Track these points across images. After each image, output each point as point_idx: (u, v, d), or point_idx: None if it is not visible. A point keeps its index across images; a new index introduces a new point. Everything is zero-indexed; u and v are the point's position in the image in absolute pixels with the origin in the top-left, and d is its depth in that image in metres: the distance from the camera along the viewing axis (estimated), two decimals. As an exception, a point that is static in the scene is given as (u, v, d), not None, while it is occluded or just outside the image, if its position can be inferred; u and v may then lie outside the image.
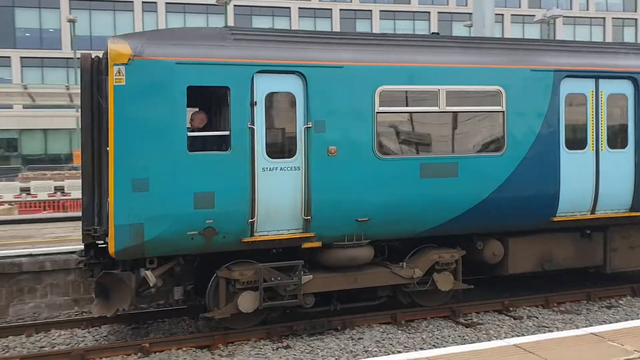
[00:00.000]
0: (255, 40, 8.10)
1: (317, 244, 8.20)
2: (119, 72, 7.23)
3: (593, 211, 9.36)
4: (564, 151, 9.09)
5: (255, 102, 7.77)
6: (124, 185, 7.25)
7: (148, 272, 7.59)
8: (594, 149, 9.28)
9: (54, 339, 8.52)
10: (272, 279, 7.94)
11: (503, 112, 8.80)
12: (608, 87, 9.41)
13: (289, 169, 7.98)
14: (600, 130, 9.34)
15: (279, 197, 7.88)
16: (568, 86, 9.17)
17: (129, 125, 7.30)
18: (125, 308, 7.87)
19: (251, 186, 7.72)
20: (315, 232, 8.06)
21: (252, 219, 7.72)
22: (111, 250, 7.32)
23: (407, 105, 8.62)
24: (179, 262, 7.95)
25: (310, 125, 7.94)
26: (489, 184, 8.69)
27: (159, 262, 7.78)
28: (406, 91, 8.58)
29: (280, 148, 8.06)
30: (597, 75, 9.35)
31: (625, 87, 9.44)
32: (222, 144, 7.78)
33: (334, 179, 8.05)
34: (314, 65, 8.01)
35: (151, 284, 7.64)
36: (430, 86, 8.54)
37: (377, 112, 8.26)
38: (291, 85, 7.97)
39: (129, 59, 7.24)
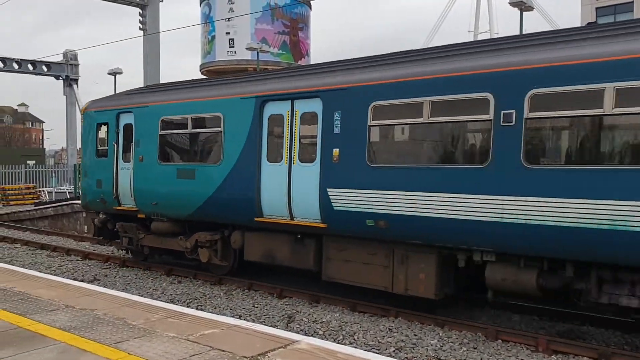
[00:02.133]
0: (118, 98, 14.54)
1: (142, 216, 13.30)
2: (82, 117, 15.37)
3: (292, 217, 10.42)
4: (265, 164, 10.83)
5: (117, 130, 13.65)
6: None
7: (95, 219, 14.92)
8: (288, 162, 10.49)
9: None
10: (128, 232, 13.87)
11: (222, 132, 11.45)
12: (302, 106, 10.42)
13: (126, 168, 13.44)
14: (293, 146, 10.48)
15: (125, 185, 13.43)
16: (270, 108, 10.87)
17: (84, 145, 15.09)
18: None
19: (114, 176, 13.64)
20: (138, 208, 13.16)
21: (115, 196, 13.60)
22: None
23: (175, 129, 12.55)
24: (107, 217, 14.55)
25: (134, 143, 13.15)
26: (212, 185, 11.56)
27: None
28: (176, 120, 12.50)
29: (125, 156, 13.55)
30: (292, 97, 10.53)
31: (316, 106, 10.14)
32: (106, 153, 13.96)
33: (141, 175, 13.03)
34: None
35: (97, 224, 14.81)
36: (184, 115, 12.26)
37: (160, 134, 12.70)
38: (131, 119, 13.43)
39: (83, 112, 15.26)
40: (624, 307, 7.50)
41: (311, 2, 52.61)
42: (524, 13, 21.65)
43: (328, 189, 9.75)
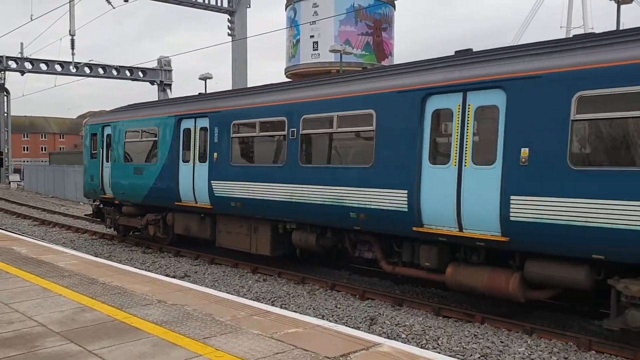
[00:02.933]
0: (112, 113, 18.79)
1: (117, 202, 17.80)
2: (83, 128, 20.02)
3: (195, 202, 14.43)
4: (181, 164, 14.82)
5: (102, 139, 18.22)
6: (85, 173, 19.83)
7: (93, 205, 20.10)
8: (193, 163, 14.45)
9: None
10: (110, 214, 18.64)
11: (156, 141, 15.71)
12: (200, 122, 14.42)
13: (108, 167, 18.10)
14: (196, 149, 14.37)
15: (106, 179, 18.01)
16: (184, 123, 14.86)
17: (84, 149, 19.57)
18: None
19: (101, 173, 18.26)
20: (114, 196, 17.63)
21: (101, 187, 18.26)
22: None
23: (132, 138, 16.80)
24: (99, 203, 19.51)
25: (112, 148, 17.85)
26: (152, 179, 15.79)
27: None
28: (134, 131, 16.82)
29: (107, 158, 18.17)
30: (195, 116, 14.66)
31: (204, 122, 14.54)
32: (96, 156, 18.56)
33: (114, 172, 17.55)
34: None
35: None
36: (138, 128, 16.60)
37: (125, 142, 17.13)
38: (110, 130, 18.09)
39: (84, 125, 19.72)
40: (369, 259, 11.13)
41: (395, 2, 52.24)
42: (622, 6, 20.42)
43: (211, 182, 13.77)
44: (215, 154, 13.64)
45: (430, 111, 9.31)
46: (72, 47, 31.64)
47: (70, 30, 30.36)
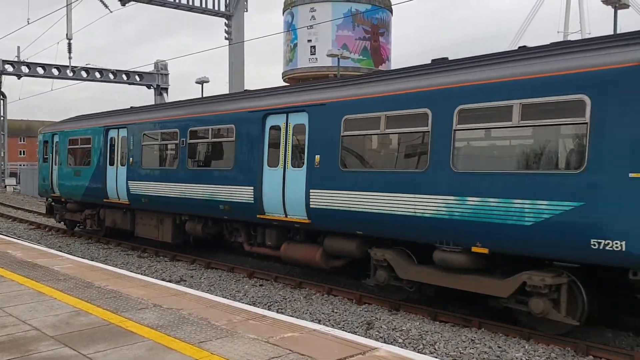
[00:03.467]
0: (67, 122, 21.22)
1: (64, 200, 20.68)
2: (38, 136, 23.32)
3: (118, 199, 17.35)
4: (108, 167, 17.79)
5: (52, 145, 21.33)
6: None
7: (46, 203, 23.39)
8: (116, 166, 17.58)
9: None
10: (58, 211, 21.58)
11: (90, 147, 18.63)
12: (121, 132, 17.68)
13: (56, 169, 20.97)
14: (119, 154, 17.50)
15: (55, 180, 20.89)
16: (110, 133, 18.16)
17: (39, 154, 23.03)
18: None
19: (51, 175, 21.26)
20: (61, 194, 20.63)
21: (51, 187, 21.27)
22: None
23: (73, 145, 19.96)
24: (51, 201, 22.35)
25: (58, 153, 20.76)
26: (88, 180, 18.74)
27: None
28: (74, 139, 19.94)
29: (55, 162, 21.10)
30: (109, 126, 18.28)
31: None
32: (47, 160, 21.74)
33: (60, 174, 20.51)
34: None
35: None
36: (78, 137, 19.71)
37: (68, 148, 20.16)
38: (57, 138, 21.16)
39: (39, 133, 23.29)
40: (240, 242, 13.73)
41: (392, 7, 52.37)
42: (619, 11, 20.49)
43: (128, 182, 16.70)
44: (131, 159, 16.70)
45: (268, 126, 12.36)
46: (69, 51, 31.64)
47: (67, 34, 30.34)
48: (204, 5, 39.10)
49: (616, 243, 7.18)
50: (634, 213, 7.06)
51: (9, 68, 41.21)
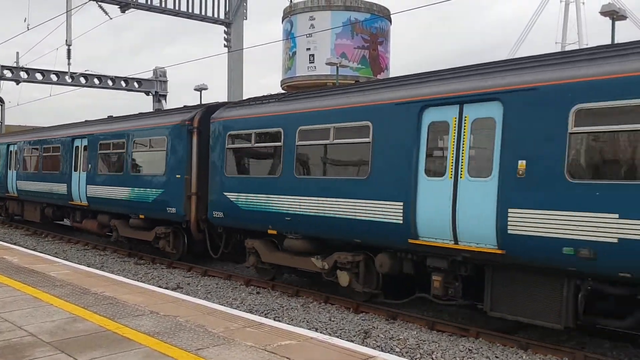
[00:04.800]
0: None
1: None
2: None
3: (10, 192, 24.05)
4: (8, 170, 24.92)
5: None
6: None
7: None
8: (10, 169, 25.19)
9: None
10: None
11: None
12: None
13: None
14: (7, 160, 24.83)
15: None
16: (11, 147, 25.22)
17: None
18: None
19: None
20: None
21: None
22: None
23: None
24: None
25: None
26: (13, 180, 24.84)
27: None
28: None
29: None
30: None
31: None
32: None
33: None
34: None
35: None
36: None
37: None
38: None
39: None
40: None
41: (391, 16, 52.62)
42: (616, 22, 20.61)
43: (17, 181, 23.56)
44: (18, 165, 24.31)
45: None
46: (69, 57, 31.70)
47: (67, 40, 30.41)
48: (203, 13, 39.24)
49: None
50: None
51: (8, 74, 41.22)
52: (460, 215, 8.56)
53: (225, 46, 39.40)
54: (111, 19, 32.62)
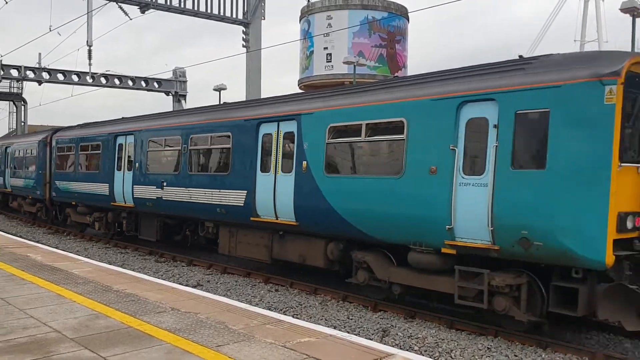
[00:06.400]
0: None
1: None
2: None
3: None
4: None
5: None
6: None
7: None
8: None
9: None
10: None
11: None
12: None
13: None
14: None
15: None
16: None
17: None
18: None
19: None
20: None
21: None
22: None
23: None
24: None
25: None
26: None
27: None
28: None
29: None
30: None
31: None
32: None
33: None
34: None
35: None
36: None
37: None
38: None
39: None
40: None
41: (409, 14, 52.41)
42: (637, 19, 20.32)
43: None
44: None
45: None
46: (89, 58, 32.09)
47: (87, 41, 30.81)
48: (222, 13, 39.48)
49: None
50: None
51: (30, 74, 41.88)
52: (277, 201, 12.41)
53: (243, 46, 39.60)
54: (131, 19, 32.94)
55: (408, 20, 53.48)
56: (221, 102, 19.48)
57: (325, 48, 50.68)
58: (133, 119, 19.04)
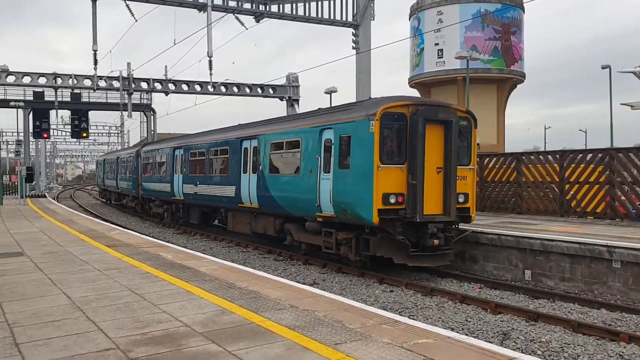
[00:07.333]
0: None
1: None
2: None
3: None
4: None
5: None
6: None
7: None
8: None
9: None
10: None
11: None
12: None
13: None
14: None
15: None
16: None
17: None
18: None
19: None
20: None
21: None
22: None
23: None
24: None
25: None
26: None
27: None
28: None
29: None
30: None
31: None
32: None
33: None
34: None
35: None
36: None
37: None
38: None
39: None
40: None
41: (524, 4, 50.03)
42: None
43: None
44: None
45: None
46: (210, 68, 33.86)
47: (208, 52, 32.53)
48: (332, 17, 40.07)
49: None
50: None
51: (158, 86, 45.04)
52: (250, 192, 19.13)
53: (353, 48, 39.91)
54: (247, 29, 34.32)
55: (523, 11, 51.11)
56: (331, 105, 21.18)
57: (437, 44, 49.74)
58: (188, 136, 28.09)
